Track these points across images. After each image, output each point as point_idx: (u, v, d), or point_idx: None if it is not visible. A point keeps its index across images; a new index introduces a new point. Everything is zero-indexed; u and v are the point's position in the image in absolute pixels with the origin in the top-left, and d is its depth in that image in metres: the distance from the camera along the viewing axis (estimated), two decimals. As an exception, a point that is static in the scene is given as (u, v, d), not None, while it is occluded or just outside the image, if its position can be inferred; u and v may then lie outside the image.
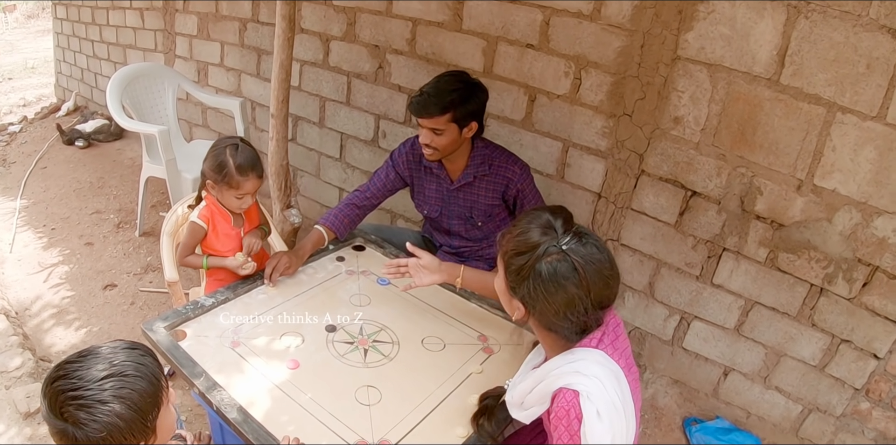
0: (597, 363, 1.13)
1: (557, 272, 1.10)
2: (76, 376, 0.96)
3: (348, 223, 2.12)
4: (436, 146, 1.95)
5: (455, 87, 1.90)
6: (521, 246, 1.14)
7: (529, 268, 1.12)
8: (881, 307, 1.91)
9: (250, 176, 1.81)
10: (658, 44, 2.03)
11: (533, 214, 1.19)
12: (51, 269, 3.21)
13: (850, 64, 1.75)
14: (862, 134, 1.79)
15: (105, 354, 1.01)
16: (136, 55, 4.77)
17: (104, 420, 0.94)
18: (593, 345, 1.16)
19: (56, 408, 0.95)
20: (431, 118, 1.89)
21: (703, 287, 2.24)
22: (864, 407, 2.05)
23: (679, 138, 2.09)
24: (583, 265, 1.10)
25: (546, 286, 1.11)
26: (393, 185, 2.19)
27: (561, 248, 1.11)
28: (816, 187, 1.91)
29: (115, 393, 0.96)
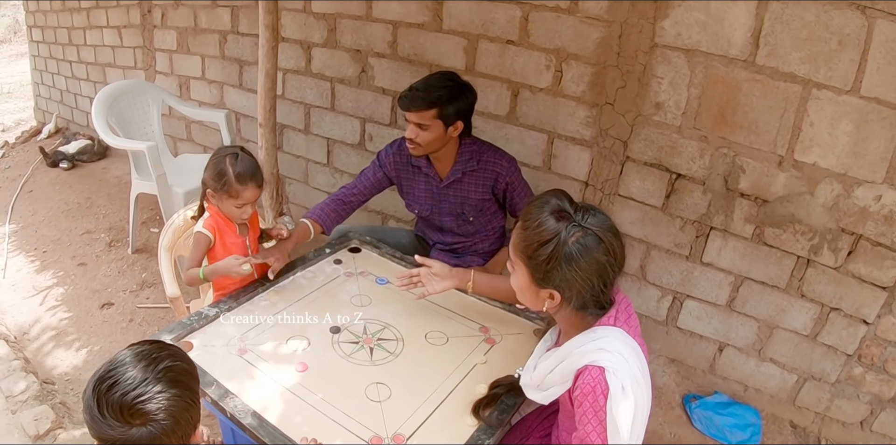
0: (619, 340, 1.17)
1: (587, 247, 1.14)
2: (124, 379, 0.97)
3: (335, 217, 2.15)
4: (420, 142, 1.98)
5: (444, 84, 1.94)
6: (544, 235, 1.16)
7: (559, 253, 1.15)
8: (867, 273, 1.97)
9: (249, 185, 1.80)
10: (636, 33, 2.07)
11: (538, 204, 1.21)
12: (46, 291, 3.19)
13: (822, 41, 1.80)
14: (838, 108, 1.84)
15: (133, 355, 1.03)
16: (115, 73, 4.77)
17: (167, 405, 0.97)
18: (612, 323, 1.20)
19: (123, 414, 0.95)
20: (418, 112, 1.93)
21: (693, 267, 2.29)
22: (857, 372, 2.11)
23: (661, 123, 2.14)
24: (603, 233, 1.15)
25: (579, 264, 1.14)
26: (380, 184, 2.22)
27: (580, 225, 1.15)
28: (797, 162, 1.96)
29: (166, 379, 0.99)
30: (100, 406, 0.95)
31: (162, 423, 0.96)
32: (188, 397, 1.02)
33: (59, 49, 5.48)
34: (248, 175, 1.80)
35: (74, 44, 5.20)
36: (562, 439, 1.37)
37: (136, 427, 0.95)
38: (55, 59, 5.62)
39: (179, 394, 1.00)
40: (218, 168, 1.80)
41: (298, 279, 1.98)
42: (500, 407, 1.44)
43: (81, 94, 5.38)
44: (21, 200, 4.39)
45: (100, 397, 0.96)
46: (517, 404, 1.45)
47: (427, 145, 2.00)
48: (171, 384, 0.99)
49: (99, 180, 4.66)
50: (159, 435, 0.96)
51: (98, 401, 0.96)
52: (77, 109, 5.58)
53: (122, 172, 4.78)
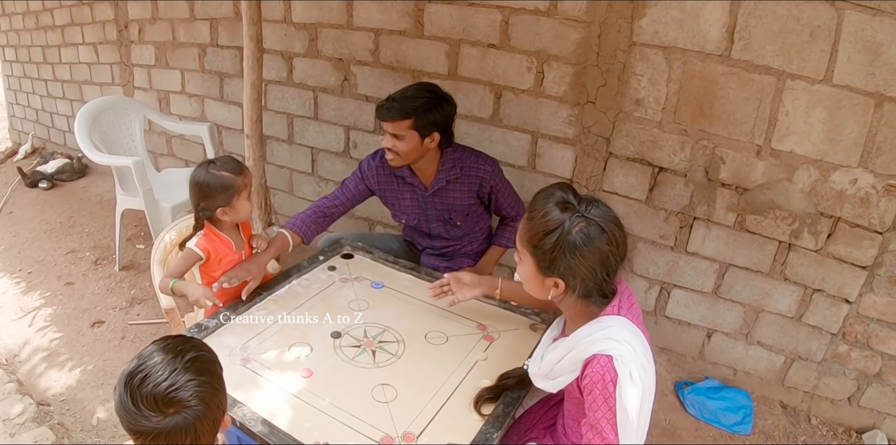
0: (625, 329, 1.20)
1: (590, 236, 1.18)
2: (154, 371, 1.00)
3: (314, 228, 2.15)
4: (396, 151, 1.99)
5: (421, 95, 1.95)
6: (549, 225, 1.20)
7: (562, 242, 1.19)
8: (846, 254, 2.04)
9: (245, 172, 1.85)
10: (614, 32, 2.13)
11: (543, 196, 1.25)
12: (34, 312, 3.16)
13: (794, 34, 1.87)
14: (811, 97, 1.91)
15: (158, 349, 1.06)
16: (92, 91, 4.73)
17: (198, 392, 1.01)
18: (616, 312, 1.24)
19: (158, 404, 0.98)
20: (393, 122, 1.94)
21: (678, 256, 2.34)
22: (842, 350, 2.18)
23: (642, 119, 2.19)
24: (606, 224, 1.19)
25: (583, 252, 1.18)
26: (361, 195, 2.23)
27: (584, 216, 1.19)
28: (774, 150, 2.03)
29: (194, 368, 1.03)
30: (134, 399, 0.98)
31: (195, 409, 1.00)
32: (216, 383, 1.07)
33: (34, 68, 5.42)
34: (237, 166, 1.84)
35: (49, 62, 5.15)
36: (569, 427, 1.40)
37: (171, 415, 0.99)
38: (29, 78, 5.56)
39: (208, 381, 1.04)
40: (216, 184, 1.80)
41: (294, 287, 1.99)
42: (504, 401, 1.47)
43: (58, 112, 5.33)
44: (2, 221, 4.33)
45: (133, 391, 0.99)
46: (521, 396, 1.49)
47: (404, 156, 2.01)
48: (199, 372, 1.03)
49: (80, 199, 4.62)
50: (193, 421, 1.00)
51: (132, 395, 0.99)
52: (53, 128, 5.52)
53: (103, 189, 4.74)
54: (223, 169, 1.82)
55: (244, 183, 1.84)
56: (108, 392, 2.51)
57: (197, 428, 1.01)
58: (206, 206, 1.84)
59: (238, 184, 1.82)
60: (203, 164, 1.86)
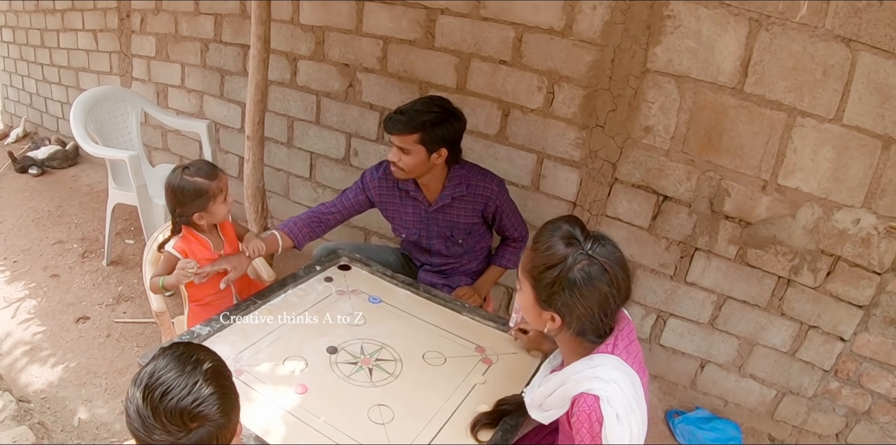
0: (615, 369, 1.19)
1: (591, 276, 1.17)
2: (175, 385, 0.98)
3: (308, 234, 2.13)
4: (402, 165, 1.97)
5: (430, 110, 1.92)
6: (551, 259, 1.19)
7: (563, 278, 1.18)
8: (844, 293, 2.05)
9: (219, 175, 1.84)
10: (628, 58, 2.12)
11: (550, 229, 1.24)
12: (17, 304, 3.09)
13: (808, 71, 1.88)
14: (820, 135, 1.92)
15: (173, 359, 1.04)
16: (89, 78, 4.66)
17: (220, 404, 1.00)
18: (609, 351, 1.23)
19: (183, 419, 0.97)
20: (401, 136, 1.92)
21: (677, 286, 2.35)
22: (833, 387, 2.19)
23: (650, 146, 2.19)
24: (609, 265, 1.17)
25: (581, 291, 1.17)
26: (360, 206, 2.21)
27: (588, 253, 1.18)
28: (780, 186, 2.03)
29: (212, 379, 1.02)
30: (155, 414, 0.96)
31: (219, 421, 1.00)
32: (233, 393, 1.06)
33: (31, 51, 5.33)
34: (210, 169, 1.83)
35: (47, 46, 5.07)
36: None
37: (195, 429, 0.98)
38: (25, 61, 5.47)
39: (226, 392, 1.03)
40: (190, 189, 1.80)
41: (290, 297, 1.96)
42: (503, 427, 1.45)
43: (52, 98, 5.25)
44: (-12, 207, 4.25)
45: (154, 406, 0.97)
46: (519, 423, 1.47)
47: (410, 170, 1.98)
48: (218, 383, 1.02)
49: (70, 188, 4.54)
50: (216, 433, 1.00)
51: (153, 410, 0.96)
52: (47, 114, 5.43)
53: (94, 179, 4.67)
54: (197, 175, 1.81)
55: (219, 188, 1.83)
56: (90, 391, 2.46)
57: (218, 439, 1.01)
58: (182, 211, 1.84)
59: (213, 189, 1.81)
60: (177, 169, 1.85)
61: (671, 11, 2.03)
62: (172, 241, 1.90)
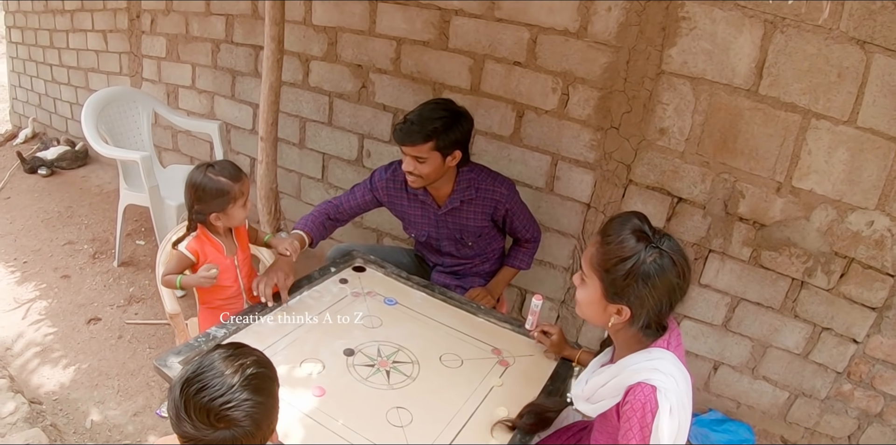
0: (672, 364, 1.21)
1: (663, 268, 1.19)
2: (212, 384, 1.00)
3: (322, 232, 2.13)
4: (419, 174, 1.96)
5: (439, 115, 1.91)
6: (625, 252, 1.21)
7: (636, 270, 1.19)
8: (857, 295, 2.05)
9: (243, 179, 1.83)
10: (643, 59, 2.12)
11: (620, 222, 1.26)
12: (28, 304, 3.10)
13: (822, 73, 1.87)
14: (835, 137, 1.92)
15: (221, 359, 1.05)
16: (98, 79, 4.67)
17: (252, 413, 1.01)
18: (666, 346, 1.25)
19: (210, 418, 0.99)
20: (414, 146, 1.90)
21: (690, 288, 2.34)
22: (846, 389, 2.19)
23: (665, 148, 2.19)
24: (678, 258, 1.21)
25: (654, 283, 1.19)
26: (367, 205, 2.21)
27: (659, 247, 1.20)
28: (794, 188, 2.03)
29: (252, 386, 1.03)
30: (186, 407, 0.99)
31: (245, 428, 1.01)
32: (271, 404, 1.07)
33: (40, 52, 5.34)
34: (235, 172, 1.82)
35: (56, 47, 5.08)
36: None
37: (220, 430, 0.99)
38: (35, 61, 5.48)
39: (263, 401, 1.04)
40: (212, 188, 1.79)
41: (305, 299, 1.97)
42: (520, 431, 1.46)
43: (61, 98, 5.26)
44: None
45: (187, 399, 1.00)
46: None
47: (427, 177, 1.97)
48: (256, 391, 1.03)
49: (79, 189, 4.55)
50: (241, 438, 1.00)
51: (185, 403, 1.00)
52: (56, 114, 5.44)
53: (103, 180, 4.68)
54: (221, 174, 1.80)
55: (241, 191, 1.82)
56: (102, 393, 2.47)
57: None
58: (200, 209, 1.83)
59: (235, 191, 1.80)
60: (202, 166, 1.84)
61: (686, 13, 2.03)
62: (186, 240, 1.90)
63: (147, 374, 2.56)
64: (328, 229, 2.16)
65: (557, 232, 2.55)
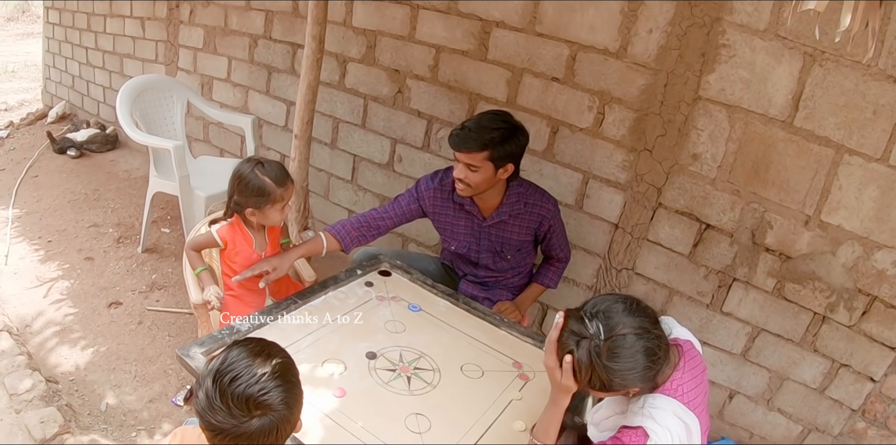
0: (673, 415, 1.23)
1: (620, 354, 1.21)
2: (246, 373, 1.06)
3: (357, 238, 2.12)
4: (469, 182, 1.96)
5: (497, 126, 1.91)
6: (582, 368, 1.25)
7: (605, 372, 1.22)
8: (878, 333, 2.04)
9: (288, 185, 1.87)
10: (681, 84, 2.14)
11: (563, 337, 1.29)
12: (50, 284, 3.15)
13: (858, 109, 1.88)
14: (866, 174, 1.92)
15: (247, 351, 1.12)
16: (133, 65, 4.74)
17: (285, 397, 1.08)
18: (672, 393, 1.26)
19: (248, 405, 1.04)
20: (469, 153, 1.91)
21: (712, 315, 2.35)
22: (860, 427, 2.17)
23: (696, 174, 2.20)
24: (627, 326, 1.21)
25: (624, 363, 1.21)
26: (412, 214, 2.20)
27: (603, 339, 1.22)
28: (823, 222, 2.03)
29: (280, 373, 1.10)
30: (223, 397, 1.04)
31: (281, 413, 1.07)
32: (297, 389, 1.14)
33: (76, 34, 5.42)
34: (283, 177, 1.86)
35: (93, 30, 5.16)
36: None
37: (258, 417, 1.05)
38: (70, 43, 5.56)
39: (292, 388, 1.11)
40: (254, 185, 1.83)
41: (330, 299, 2.00)
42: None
43: (95, 81, 5.33)
44: (26, 185, 4.34)
45: (222, 389, 1.05)
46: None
47: (476, 187, 1.97)
48: (285, 378, 1.10)
49: (107, 173, 4.62)
50: (278, 423, 1.07)
51: (221, 393, 1.05)
52: (88, 97, 5.52)
53: (132, 166, 4.75)
54: (268, 175, 1.84)
55: (282, 196, 1.85)
56: (119, 377, 2.50)
57: (279, 430, 1.08)
58: (238, 201, 1.88)
59: (276, 195, 1.84)
60: (252, 160, 1.88)
61: (727, 40, 2.04)
62: (221, 224, 1.94)
63: (165, 361, 2.59)
64: (366, 236, 2.15)
65: (584, 250, 2.56)
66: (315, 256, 2.13)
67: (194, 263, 2.00)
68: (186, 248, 2.02)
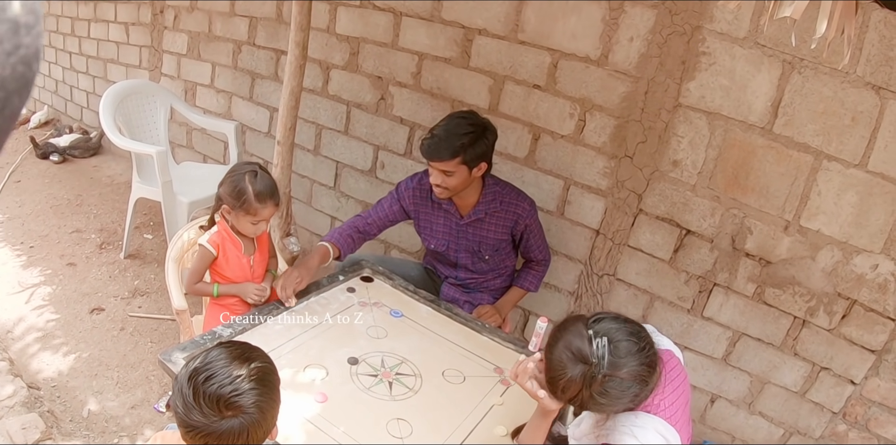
0: (654, 432, 1.24)
1: (610, 393, 1.21)
2: (220, 373, 1.06)
3: (351, 244, 2.16)
4: (446, 186, 2.00)
5: (465, 130, 1.95)
6: (570, 387, 1.24)
7: (588, 399, 1.23)
8: (858, 336, 2.07)
9: (268, 204, 1.83)
10: (661, 91, 2.16)
11: (561, 347, 1.26)
12: (32, 289, 3.12)
13: (837, 116, 1.91)
14: (845, 180, 1.95)
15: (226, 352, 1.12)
16: (117, 70, 4.71)
17: (258, 401, 1.07)
18: (654, 410, 1.27)
19: (219, 405, 1.04)
20: (442, 161, 1.94)
21: (693, 320, 2.37)
22: (840, 429, 2.20)
23: (677, 180, 2.23)
24: (628, 372, 1.20)
25: (610, 401, 1.22)
26: (395, 217, 2.24)
27: (602, 373, 1.20)
28: (802, 227, 2.06)
29: (257, 377, 1.10)
30: (196, 395, 1.05)
31: (252, 416, 1.06)
32: (274, 395, 1.13)
33: (60, 39, 5.38)
34: (267, 194, 1.83)
35: (77, 35, 5.12)
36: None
37: (228, 418, 1.04)
38: (54, 48, 5.52)
39: (268, 392, 1.11)
40: (238, 186, 1.82)
41: (312, 305, 1.99)
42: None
43: (78, 87, 5.29)
44: (8, 190, 4.29)
45: (196, 387, 1.05)
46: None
47: (453, 189, 2.02)
48: (261, 382, 1.10)
49: (90, 178, 4.58)
50: (248, 426, 1.06)
51: (194, 391, 1.05)
52: (71, 102, 5.48)
53: (115, 171, 4.71)
54: (254, 185, 1.81)
55: (256, 210, 1.82)
56: (101, 383, 2.48)
57: (249, 434, 1.07)
58: (219, 193, 1.87)
59: (250, 206, 1.81)
60: (256, 166, 1.88)
61: (707, 48, 2.07)
62: (208, 234, 1.93)
63: (147, 368, 2.57)
64: (357, 241, 2.19)
65: (565, 256, 2.58)
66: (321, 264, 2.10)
67: (204, 291, 1.96)
68: (187, 286, 1.97)
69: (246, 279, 1.97)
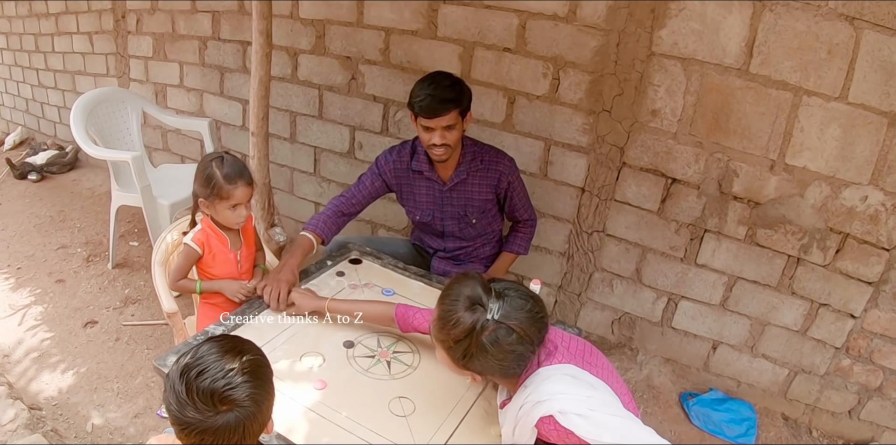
0: (547, 380, 1.24)
1: (500, 341, 1.20)
2: (212, 368, 1.04)
3: (334, 228, 2.14)
4: (449, 142, 1.98)
5: (450, 82, 1.96)
6: (458, 334, 1.22)
7: (474, 348, 1.22)
8: (854, 270, 2.06)
9: (239, 183, 1.79)
10: (633, 42, 2.12)
11: (452, 296, 1.26)
12: (24, 310, 3.08)
13: (812, 51, 1.87)
14: (827, 114, 1.92)
15: (217, 346, 1.09)
16: (86, 81, 4.63)
17: (252, 394, 1.05)
18: (535, 368, 1.27)
19: (213, 400, 1.01)
20: (447, 114, 1.93)
21: (687, 268, 2.35)
22: (845, 364, 2.20)
23: (657, 130, 2.19)
24: (517, 324, 1.20)
25: (495, 355, 1.21)
26: (377, 192, 2.21)
27: (494, 319, 1.20)
28: (788, 165, 2.03)
29: (250, 370, 1.07)
30: (189, 391, 1.02)
31: (248, 409, 1.04)
32: (268, 387, 1.11)
33: (25, 56, 5.29)
34: (235, 174, 1.79)
35: (42, 51, 5.03)
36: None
37: (223, 413, 1.02)
38: (20, 66, 5.42)
39: (262, 385, 1.08)
40: (205, 174, 1.80)
41: (303, 293, 1.96)
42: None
43: (49, 103, 5.21)
44: (-11, 214, 4.23)
45: (189, 383, 1.02)
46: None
47: (456, 144, 2.02)
48: (254, 375, 1.07)
49: (71, 192, 4.52)
50: (244, 420, 1.03)
51: (187, 387, 1.02)
52: (44, 119, 5.39)
53: (95, 183, 4.65)
54: (220, 169, 1.78)
55: (230, 193, 1.78)
56: (102, 396, 2.45)
57: (245, 428, 1.05)
58: (194, 189, 1.84)
59: (223, 190, 1.77)
60: (220, 153, 1.85)
61: (675, -6, 2.02)
62: (192, 233, 1.89)
63: (146, 375, 2.54)
64: (340, 224, 2.17)
65: (553, 217, 2.55)
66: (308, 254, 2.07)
67: (187, 288, 1.94)
68: (171, 283, 1.93)
69: (234, 275, 1.93)
